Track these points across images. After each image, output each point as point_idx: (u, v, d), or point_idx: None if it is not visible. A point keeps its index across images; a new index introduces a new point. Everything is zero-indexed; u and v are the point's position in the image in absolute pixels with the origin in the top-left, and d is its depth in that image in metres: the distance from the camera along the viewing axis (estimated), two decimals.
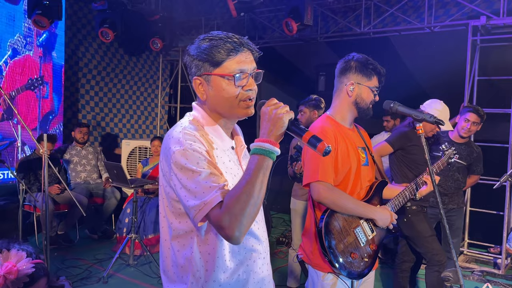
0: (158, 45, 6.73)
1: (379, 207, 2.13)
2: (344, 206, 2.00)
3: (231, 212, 1.21)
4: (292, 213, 3.92)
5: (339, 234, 1.98)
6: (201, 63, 1.38)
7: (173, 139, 1.33)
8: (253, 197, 1.22)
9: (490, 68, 5.19)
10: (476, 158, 3.91)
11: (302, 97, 4.01)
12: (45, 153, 3.44)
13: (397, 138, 3.37)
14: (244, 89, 1.37)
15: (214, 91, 1.38)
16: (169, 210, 1.39)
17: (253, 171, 1.24)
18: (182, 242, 1.38)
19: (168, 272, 1.43)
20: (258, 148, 1.27)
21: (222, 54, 1.35)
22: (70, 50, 6.63)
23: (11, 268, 1.33)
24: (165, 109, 8.32)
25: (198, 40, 1.42)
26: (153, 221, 5.07)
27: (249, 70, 1.37)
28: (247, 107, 1.39)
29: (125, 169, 6.07)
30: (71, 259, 4.71)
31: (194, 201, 1.26)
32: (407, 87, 5.08)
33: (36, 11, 5.24)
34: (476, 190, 5.11)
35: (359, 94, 2.09)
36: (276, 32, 6.62)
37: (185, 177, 1.27)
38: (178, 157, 1.29)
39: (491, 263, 5.00)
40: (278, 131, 1.29)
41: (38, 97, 5.99)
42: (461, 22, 5.12)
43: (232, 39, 1.36)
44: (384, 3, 5.71)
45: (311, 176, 2.02)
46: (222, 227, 1.23)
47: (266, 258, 1.53)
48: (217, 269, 1.36)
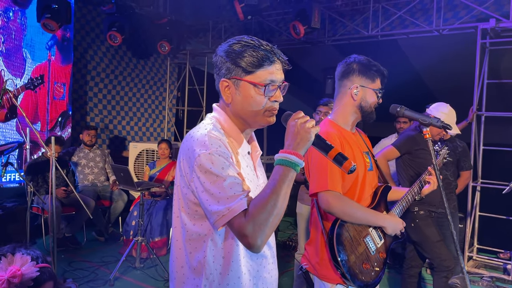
0: (166, 48, 6.76)
1: (389, 215, 2.09)
2: (354, 216, 1.94)
3: (256, 221, 1.22)
4: (298, 217, 3.90)
5: (350, 245, 1.93)
6: (233, 66, 1.38)
7: (198, 142, 1.32)
8: (277, 208, 1.24)
9: (500, 71, 5.14)
10: (462, 152, 3.83)
11: (310, 99, 3.99)
12: (52, 156, 3.46)
13: (404, 142, 3.34)
14: (271, 100, 1.39)
15: (242, 97, 1.39)
16: (184, 211, 1.39)
17: (278, 182, 1.25)
18: (195, 245, 1.38)
19: (177, 273, 1.43)
20: (284, 159, 1.28)
21: (256, 62, 1.36)
22: (78, 53, 6.68)
23: (15, 272, 1.33)
24: (172, 112, 8.35)
25: (229, 43, 1.41)
26: (160, 223, 5.08)
27: (278, 81, 1.39)
28: (270, 116, 1.41)
29: (132, 171, 6.10)
30: (78, 261, 4.73)
31: (217, 206, 1.25)
32: (415, 90, 5.05)
33: (45, 14, 5.30)
34: (485, 194, 5.05)
35: (364, 97, 2.03)
36: (283, 35, 6.62)
37: (208, 182, 1.27)
38: (204, 161, 1.28)
39: (500, 268, 4.94)
40: (305, 145, 1.30)
41: (48, 100, 6.07)
42: (470, 25, 5.08)
43: (265, 47, 1.38)
44: (392, 6, 5.68)
45: (320, 185, 1.93)
46: (245, 235, 1.23)
47: (274, 263, 1.55)
48: (231, 273, 1.37)
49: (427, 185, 2.31)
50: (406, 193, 2.24)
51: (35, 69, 5.91)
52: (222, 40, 7.28)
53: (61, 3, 5.38)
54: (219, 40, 7.35)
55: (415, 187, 2.29)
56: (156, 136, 8.03)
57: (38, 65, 5.95)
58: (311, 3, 5.51)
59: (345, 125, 2.09)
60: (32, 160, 5.33)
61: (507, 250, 5.05)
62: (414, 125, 3.45)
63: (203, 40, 7.63)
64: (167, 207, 5.24)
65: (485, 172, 5.05)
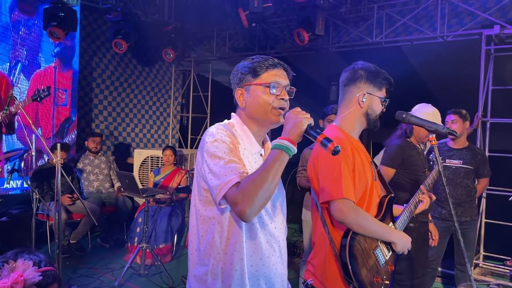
0: (171, 55, 6.81)
1: (399, 231, 2.03)
2: (369, 229, 1.86)
3: (245, 191, 1.40)
4: (303, 224, 3.90)
5: (362, 258, 1.85)
6: (243, 75, 1.64)
7: (208, 133, 1.57)
8: (266, 182, 1.40)
9: (505, 77, 5.13)
10: (481, 160, 3.85)
11: (314, 106, 3.99)
12: (58, 162, 3.48)
13: (393, 157, 3.13)
14: (277, 98, 1.60)
15: (252, 98, 1.62)
16: (197, 199, 1.60)
17: (270, 161, 1.44)
18: (206, 228, 1.58)
19: (192, 255, 1.64)
20: (278, 144, 1.46)
21: (262, 68, 1.62)
22: (84, 60, 6.73)
23: (17, 278, 1.35)
24: (177, 119, 8.38)
25: (242, 60, 1.69)
26: (164, 230, 5.08)
27: (283, 83, 1.62)
28: (279, 115, 1.60)
29: (137, 178, 6.11)
30: (83, 268, 4.74)
31: (216, 182, 1.46)
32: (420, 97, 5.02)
33: (51, 22, 5.35)
34: (491, 201, 5.02)
35: (371, 105, 1.98)
36: (287, 42, 6.64)
37: (212, 163, 1.49)
38: (209, 146, 1.52)
39: (507, 276, 4.90)
40: (297, 131, 1.47)
41: (53, 106, 6.11)
42: (474, 32, 5.08)
43: (272, 59, 1.65)
44: (396, 12, 5.69)
45: (334, 193, 1.82)
46: (235, 203, 1.41)
47: (281, 258, 1.68)
48: (235, 253, 1.54)
49: (420, 204, 2.28)
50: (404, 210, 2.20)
51: (35, 76, 5.93)
52: (226, 47, 7.34)
53: (67, 11, 5.42)
54: (223, 47, 7.39)
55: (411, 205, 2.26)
56: (161, 143, 8.05)
57: (38, 71, 5.96)
58: (315, 10, 5.53)
59: (351, 132, 2.02)
60: (37, 167, 5.35)
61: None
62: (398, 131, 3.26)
63: (207, 47, 7.67)
64: (171, 214, 5.24)
65: (491, 179, 4.99)
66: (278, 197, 1.70)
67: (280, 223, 1.68)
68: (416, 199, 2.28)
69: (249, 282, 1.57)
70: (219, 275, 1.55)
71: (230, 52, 7.35)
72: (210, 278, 1.56)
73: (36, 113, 5.93)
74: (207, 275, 1.57)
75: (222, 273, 1.55)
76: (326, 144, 1.45)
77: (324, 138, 1.46)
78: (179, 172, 5.61)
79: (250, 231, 1.57)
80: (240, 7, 5.65)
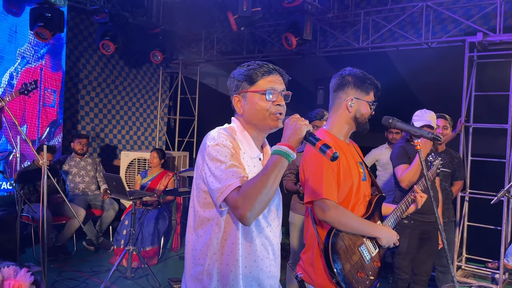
0: (159, 57, 6.79)
1: (384, 226, 2.11)
2: (349, 225, 1.96)
3: (246, 195, 1.43)
4: (290, 226, 3.92)
5: (345, 254, 1.94)
6: (240, 83, 1.67)
7: (210, 137, 1.61)
8: (266, 187, 1.44)
9: (487, 83, 5.24)
10: (458, 163, 4.07)
11: (301, 110, 4.01)
12: (44, 164, 3.45)
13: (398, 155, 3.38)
14: (274, 104, 1.63)
15: (249, 105, 1.66)
16: (196, 200, 1.64)
17: (270, 167, 1.47)
18: (204, 229, 1.62)
19: (188, 254, 1.68)
20: (278, 149, 1.50)
21: (258, 75, 1.65)
22: (71, 61, 6.67)
23: (14, 284, 1.35)
24: (164, 121, 8.35)
25: (239, 67, 1.72)
26: (151, 233, 5.06)
27: (279, 89, 1.66)
28: (276, 120, 1.64)
29: (124, 180, 6.07)
30: (68, 271, 4.69)
31: (218, 185, 1.50)
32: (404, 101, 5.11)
33: (38, 23, 5.29)
34: (473, 204, 5.12)
35: (359, 109, 2.07)
36: (275, 46, 6.69)
37: (214, 166, 1.53)
38: (211, 150, 1.55)
39: (489, 278, 5.00)
40: (296, 138, 1.51)
41: (39, 107, 6.03)
42: (458, 39, 5.19)
43: (267, 65, 1.68)
44: (382, 19, 5.78)
45: (315, 194, 1.95)
46: (236, 206, 1.44)
47: (274, 261, 1.73)
48: (230, 254, 1.59)
49: (412, 204, 2.36)
50: (395, 208, 2.27)
51: (24, 71, 5.86)
52: (214, 50, 7.36)
53: (54, 12, 5.37)
54: (211, 50, 7.41)
55: (403, 204, 2.33)
56: (148, 145, 8.02)
57: (26, 68, 5.90)
58: (303, 15, 5.58)
59: (340, 135, 2.12)
60: (22, 168, 5.29)
61: (495, 259, 5.12)
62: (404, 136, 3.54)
63: (195, 50, 7.67)
64: (158, 217, 5.23)
65: (474, 183, 5.13)
66: (275, 201, 1.75)
67: (275, 227, 1.73)
68: (408, 199, 2.35)
69: (242, 283, 1.61)
70: (214, 275, 1.60)
71: (218, 55, 7.37)
72: (206, 277, 1.61)
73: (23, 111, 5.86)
74: (203, 274, 1.61)
75: (218, 273, 1.60)
76: (325, 151, 1.50)
77: (322, 145, 1.51)
78: (166, 174, 5.60)
79: (246, 233, 1.61)
80: (229, 11, 5.67)
